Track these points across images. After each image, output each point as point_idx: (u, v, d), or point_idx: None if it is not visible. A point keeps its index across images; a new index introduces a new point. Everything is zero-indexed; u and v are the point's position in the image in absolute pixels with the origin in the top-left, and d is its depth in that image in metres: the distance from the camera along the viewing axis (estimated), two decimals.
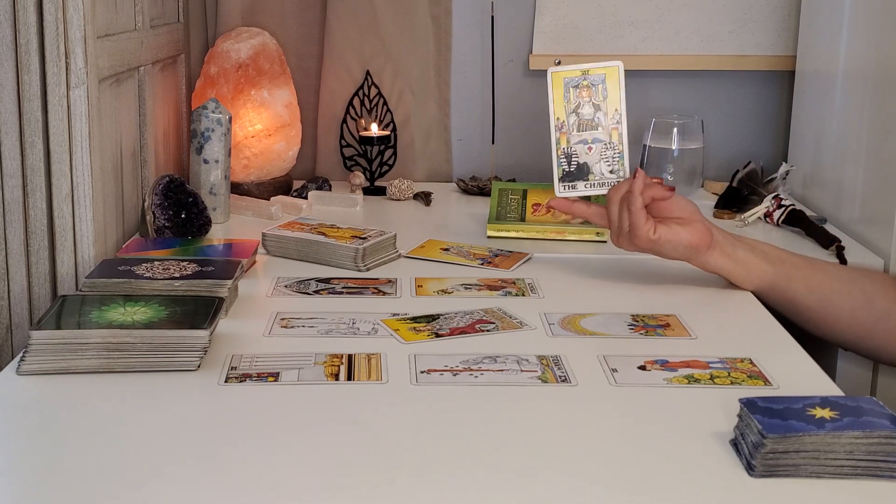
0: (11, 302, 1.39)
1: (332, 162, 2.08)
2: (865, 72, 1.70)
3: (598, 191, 1.39)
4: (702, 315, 1.31)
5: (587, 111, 1.32)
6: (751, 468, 0.88)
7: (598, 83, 1.31)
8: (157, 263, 1.32)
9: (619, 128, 1.32)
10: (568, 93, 1.32)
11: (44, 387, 1.06)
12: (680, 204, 1.34)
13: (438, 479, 0.88)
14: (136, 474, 0.88)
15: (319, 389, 1.06)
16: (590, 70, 1.32)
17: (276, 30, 2.01)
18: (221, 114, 1.72)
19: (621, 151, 1.31)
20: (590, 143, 1.32)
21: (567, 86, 1.32)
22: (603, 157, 1.33)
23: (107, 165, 1.47)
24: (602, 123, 1.32)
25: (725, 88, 2.11)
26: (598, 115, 1.31)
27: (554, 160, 1.37)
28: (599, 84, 1.31)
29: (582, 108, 1.32)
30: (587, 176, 1.33)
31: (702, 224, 1.33)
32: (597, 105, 1.32)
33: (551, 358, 1.14)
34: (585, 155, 1.32)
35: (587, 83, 1.31)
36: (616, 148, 1.31)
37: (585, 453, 0.93)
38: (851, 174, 1.72)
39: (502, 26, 2.08)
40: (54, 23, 1.33)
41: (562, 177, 1.38)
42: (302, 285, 1.40)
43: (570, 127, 1.32)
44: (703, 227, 1.33)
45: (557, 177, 1.38)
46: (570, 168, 1.34)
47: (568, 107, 1.32)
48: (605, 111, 1.32)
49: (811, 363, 1.16)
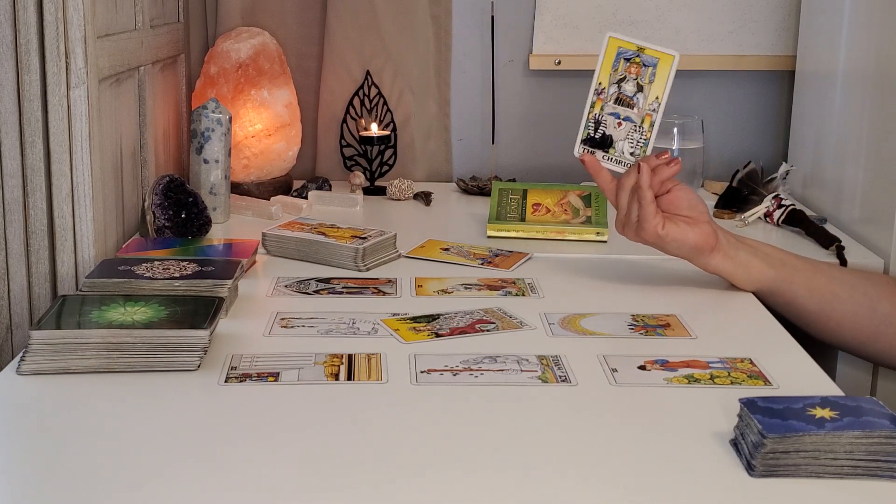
0: (11, 302, 1.39)
1: (332, 162, 2.08)
2: (865, 72, 1.70)
3: (614, 167, 1.37)
4: (702, 315, 1.31)
5: (629, 88, 1.30)
6: (751, 468, 0.88)
7: (650, 65, 1.29)
8: (157, 263, 1.32)
9: (654, 116, 1.30)
10: (618, 62, 1.30)
11: (44, 387, 1.06)
12: (690, 202, 1.33)
13: (438, 479, 0.88)
14: (136, 474, 0.88)
15: (319, 389, 1.06)
16: (646, 49, 1.29)
17: (276, 30, 2.01)
18: (221, 114, 1.72)
19: (648, 139, 1.29)
20: (621, 118, 1.30)
21: (619, 55, 1.30)
22: (629, 138, 1.31)
23: (107, 165, 1.47)
24: (639, 105, 1.30)
25: (725, 88, 2.11)
26: (639, 95, 1.30)
27: (582, 121, 1.34)
28: (650, 66, 1.29)
29: (626, 82, 1.30)
30: (608, 149, 1.31)
31: (708, 225, 1.33)
32: (640, 85, 1.30)
33: (551, 358, 1.14)
34: (613, 128, 1.30)
35: (639, 61, 1.29)
36: (644, 134, 1.29)
37: (585, 453, 0.93)
38: (851, 174, 1.72)
39: (502, 26, 2.08)
40: (54, 23, 1.33)
41: (584, 139, 1.35)
42: (302, 285, 1.40)
43: (608, 95, 1.30)
44: (710, 229, 1.33)
45: (580, 138, 1.36)
46: (594, 134, 1.32)
47: (613, 76, 1.30)
48: (645, 94, 1.30)
49: (811, 363, 1.16)
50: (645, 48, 1.29)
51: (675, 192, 1.33)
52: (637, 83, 1.30)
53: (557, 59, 2.08)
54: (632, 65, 1.29)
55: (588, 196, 1.71)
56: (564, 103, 2.13)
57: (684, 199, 1.33)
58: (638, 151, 1.29)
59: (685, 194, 1.33)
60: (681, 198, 1.33)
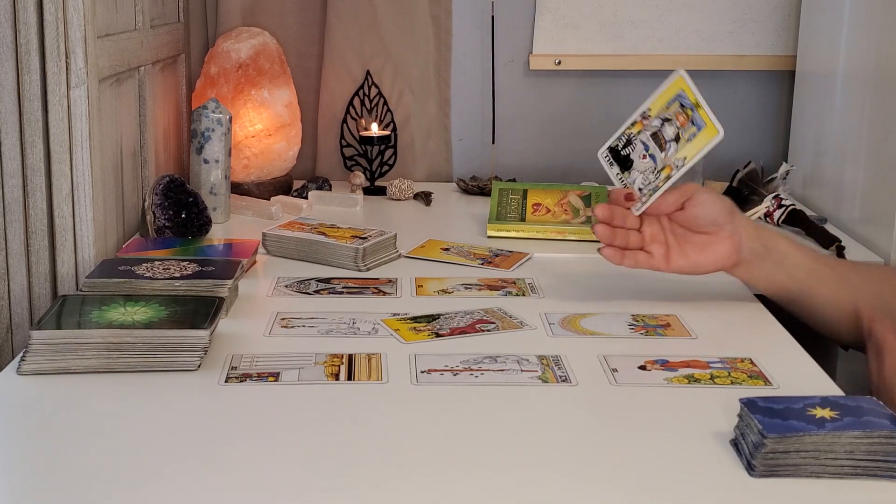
0: (11, 302, 1.39)
1: (333, 162, 2.08)
2: (865, 72, 1.70)
3: (619, 186, 1.35)
4: (702, 315, 1.31)
5: (669, 132, 1.27)
6: (751, 468, 0.88)
7: (696, 125, 1.27)
8: (157, 263, 1.32)
9: (674, 173, 1.27)
10: (673, 102, 1.27)
11: (44, 387, 1.06)
12: (710, 216, 1.25)
13: (438, 478, 0.88)
14: (136, 474, 0.88)
15: (319, 389, 1.06)
16: (700, 108, 1.26)
17: (276, 30, 2.01)
18: (221, 114, 1.72)
19: (657, 189, 1.27)
20: (648, 153, 1.29)
21: (678, 97, 1.27)
22: (644, 175, 1.29)
23: (107, 165, 1.47)
24: (668, 152, 1.27)
25: (725, 88, 2.11)
26: (672, 144, 1.27)
27: (619, 131, 1.32)
28: (695, 127, 1.27)
29: (670, 125, 1.28)
30: (623, 171, 1.30)
31: (729, 241, 1.25)
32: (678, 136, 1.28)
33: (551, 358, 1.14)
34: (638, 157, 1.29)
35: (690, 114, 1.27)
36: (658, 182, 1.27)
37: (585, 453, 0.93)
38: (851, 174, 1.72)
39: (502, 26, 2.08)
40: (54, 23, 1.33)
41: (611, 147, 1.33)
42: (302, 285, 1.40)
43: (649, 125, 1.29)
44: (728, 247, 1.25)
45: (610, 144, 1.33)
46: (621, 150, 1.31)
47: (663, 111, 1.28)
48: (678, 147, 1.27)
49: (811, 363, 1.16)
50: (700, 107, 1.26)
51: (692, 210, 1.26)
52: (678, 133, 1.28)
53: (557, 59, 2.08)
54: (682, 113, 1.27)
55: (588, 196, 1.71)
56: (564, 103, 2.13)
57: (703, 216, 1.25)
58: (646, 192, 1.27)
59: (704, 210, 1.25)
60: (698, 215, 1.25)
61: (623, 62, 2.10)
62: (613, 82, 2.11)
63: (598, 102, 2.11)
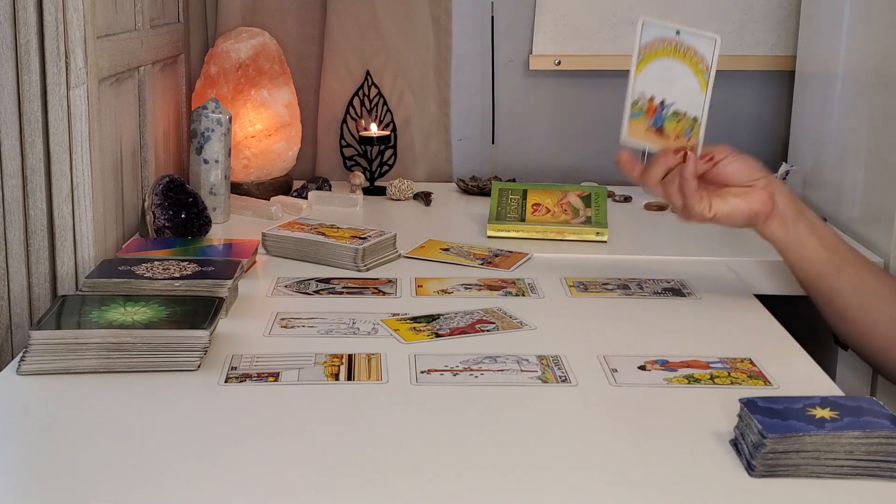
0: (11, 302, 1.39)
1: (332, 162, 2.08)
2: (865, 72, 1.70)
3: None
4: (702, 315, 1.31)
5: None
6: (751, 468, 0.88)
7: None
8: (157, 263, 1.32)
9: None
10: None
11: (44, 387, 1.06)
12: (741, 168, 1.28)
13: (438, 479, 0.88)
14: (136, 474, 0.88)
15: (319, 389, 1.06)
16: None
17: (276, 30, 2.01)
18: (221, 114, 1.72)
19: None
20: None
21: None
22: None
23: (107, 165, 1.47)
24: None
25: (725, 88, 2.11)
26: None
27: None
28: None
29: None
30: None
31: (764, 190, 1.27)
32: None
33: (551, 358, 1.14)
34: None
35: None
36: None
37: (585, 453, 0.94)
38: (851, 174, 1.72)
39: (502, 26, 2.08)
40: (54, 23, 1.33)
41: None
42: (302, 285, 1.40)
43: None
44: (765, 195, 1.27)
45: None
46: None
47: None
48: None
49: (811, 363, 1.16)
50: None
51: (727, 167, 1.27)
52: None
53: (557, 59, 2.08)
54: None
55: (588, 196, 1.71)
56: (564, 103, 2.13)
57: (737, 173, 1.27)
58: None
59: (738, 167, 1.27)
60: (733, 171, 1.27)
61: (623, 62, 2.09)
62: (613, 82, 2.11)
63: (598, 102, 2.11)
